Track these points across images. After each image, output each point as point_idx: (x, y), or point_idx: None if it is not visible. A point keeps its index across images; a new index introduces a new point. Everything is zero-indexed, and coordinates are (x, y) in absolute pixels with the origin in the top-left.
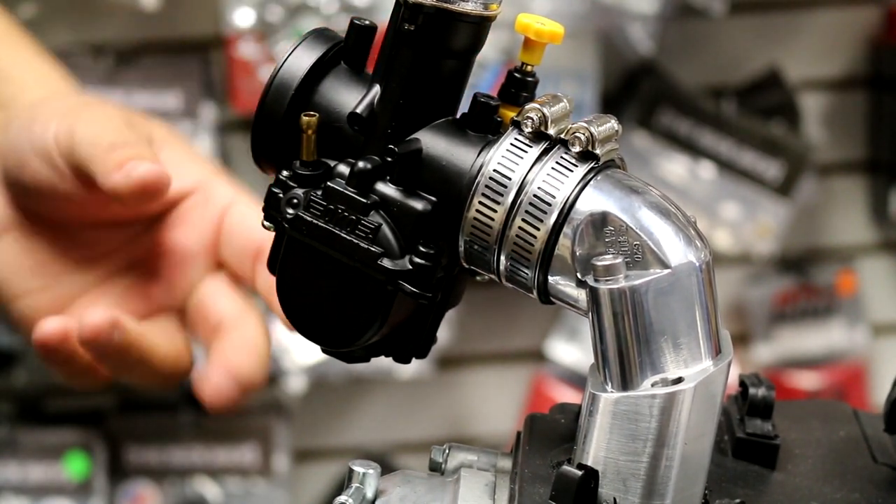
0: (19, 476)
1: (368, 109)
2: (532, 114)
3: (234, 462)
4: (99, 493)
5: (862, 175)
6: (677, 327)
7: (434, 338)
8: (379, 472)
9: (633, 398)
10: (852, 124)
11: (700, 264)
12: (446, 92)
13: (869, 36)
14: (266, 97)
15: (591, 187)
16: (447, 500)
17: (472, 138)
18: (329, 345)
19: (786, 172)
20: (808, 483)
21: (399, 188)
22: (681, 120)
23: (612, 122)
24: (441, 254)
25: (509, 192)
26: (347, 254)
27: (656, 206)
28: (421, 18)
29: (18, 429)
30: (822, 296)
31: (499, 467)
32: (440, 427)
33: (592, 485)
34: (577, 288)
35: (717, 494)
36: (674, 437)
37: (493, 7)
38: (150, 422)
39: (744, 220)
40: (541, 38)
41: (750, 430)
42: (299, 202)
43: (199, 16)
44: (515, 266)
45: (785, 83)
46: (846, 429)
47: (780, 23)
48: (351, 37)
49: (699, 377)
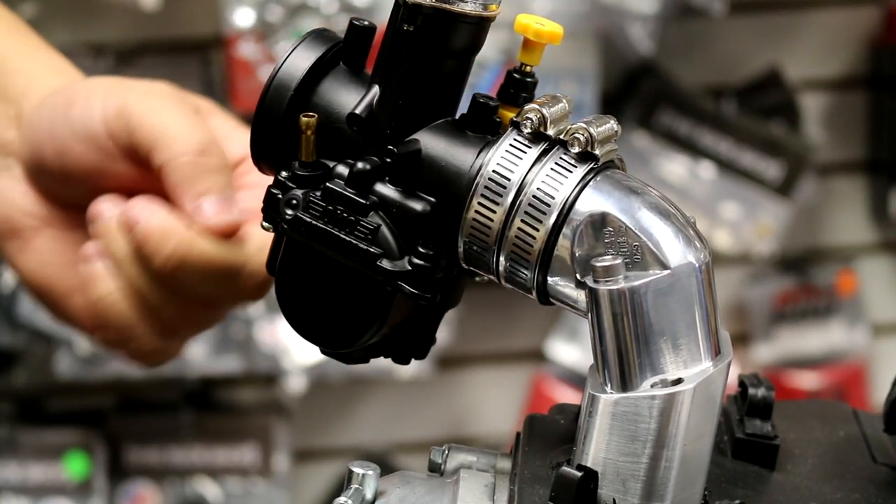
0: (19, 476)
1: (367, 110)
2: (531, 114)
3: (234, 462)
4: (99, 493)
5: (862, 175)
6: (677, 328)
7: (433, 338)
8: (378, 473)
9: (632, 399)
10: (852, 124)
11: (699, 265)
12: (445, 92)
13: (869, 36)
14: (265, 98)
15: (591, 188)
16: (446, 501)
17: (471, 139)
18: (328, 346)
19: (786, 172)
20: (808, 483)
21: (398, 189)
22: (681, 120)
23: (612, 123)
24: (440, 255)
25: (508, 192)
26: (346, 255)
27: (656, 206)
28: (420, 19)
29: (18, 429)
30: (822, 296)
31: (498, 468)
32: (440, 427)
33: (592, 486)
34: (577, 289)
35: (717, 495)
36: (673, 438)
37: (492, 7)
38: (150, 422)
39: (744, 220)
40: (540, 39)
41: (749, 430)
42: (298, 203)
43: (199, 16)
44: (515, 267)
45: (785, 83)
46: (846, 429)
47: (780, 23)
48: (350, 37)
49: (699, 378)
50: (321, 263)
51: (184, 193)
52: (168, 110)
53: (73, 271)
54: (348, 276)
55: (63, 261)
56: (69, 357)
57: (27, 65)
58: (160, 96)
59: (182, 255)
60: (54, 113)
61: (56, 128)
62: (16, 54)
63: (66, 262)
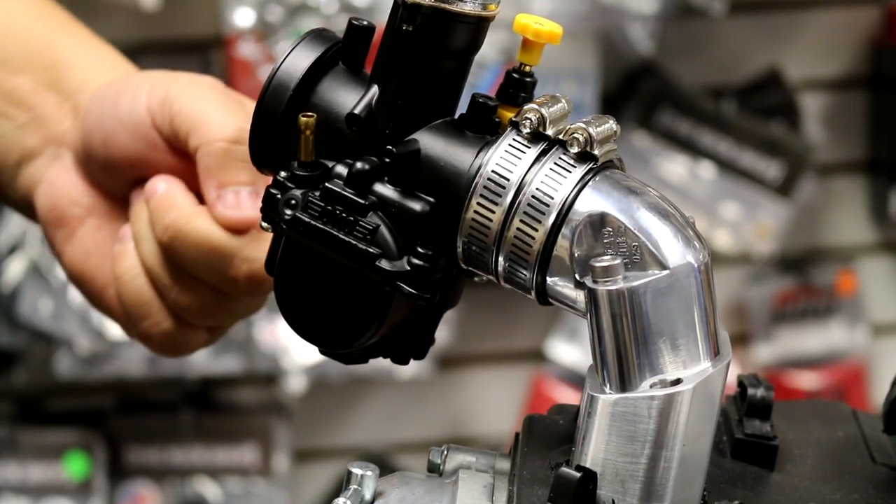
0: (19, 476)
1: (367, 110)
2: (530, 114)
3: (234, 462)
4: (99, 493)
5: (862, 175)
6: (676, 328)
7: (432, 339)
8: (377, 473)
9: (631, 399)
10: (852, 124)
11: (699, 265)
12: (444, 92)
13: (869, 36)
14: (264, 98)
15: (590, 188)
16: (445, 501)
17: (470, 139)
18: (327, 346)
19: (786, 172)
20: (807, 484)
21: (397, 189)
22: (681, 120)
23: (611, 123)
24: (439, 255)
25: (507, 192)
26: (345, 255)
27: (655, 206)
28: (419, 19)
29: (18, 429)
30: (822, 296)
31: (497, 469)
32: (440, 427)
33: (591, 486)
34: (576, 289)
35: (716, 495)
36: (672, 439)
37: (491, 7)
38: (150, 422)
39: (744, 220)
40: (539, 39)
41: (749, 430)
42: (297, 203)
43: (199, 16)
44: (514, 267)
45: (785, 83)
46: (845, 429)
47: (780, 23)
48: (349, 37)
49: (698, 378)
50: (320, 264)
51: (209, 179)
52: (209, 99)
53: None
54: (347, 277)
55: (104, 252)
56: (69, 357)
57: (83, 59)
58: (203, 86)
59: (179, 227)
60: (104, 103)
61: (105, 118)
62: (72, 49)
63: (107, 254)
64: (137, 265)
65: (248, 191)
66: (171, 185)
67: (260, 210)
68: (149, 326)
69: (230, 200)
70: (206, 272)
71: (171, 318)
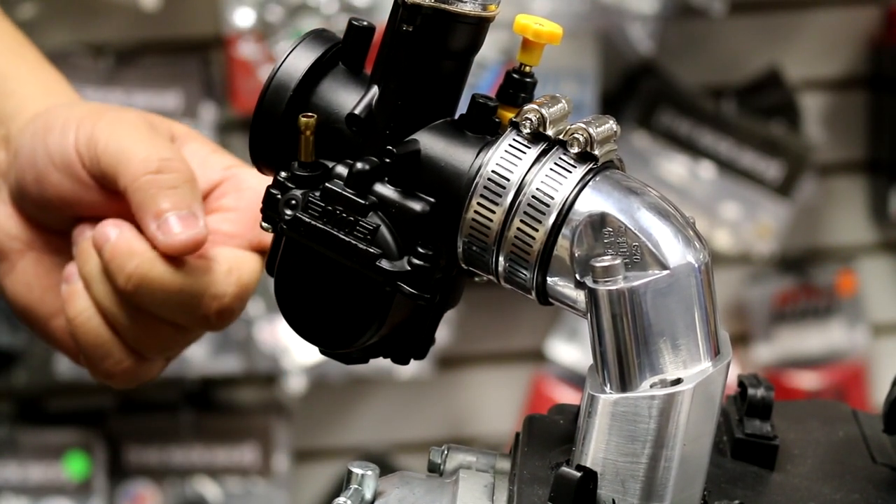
0: (19, 476)
1: (367, 110)
2: (530, 115)
3: (234, 462)
4: (99, 493)
5: (862, 175)
6: (676, 328)
7: (433, 339)
8: (377, 473)
9: (631, 399)
10: (852, 124)
11: (699, 265)
12: (445, 93)
13: (869, 36)
14: (264, 98)
15: (590, 188)
16: (445, 501)
17: (470, 139)
18: (327, 346)
19: (786, 172)
20: (807, 484)
21: (397, 189)
22: (681, 120)
23: (611, 123)
24: (439, 255)
25: (508, 192)
26: (346, 255)
27: (655, 207)
28: (419, 19)
29: (18, 429)
30: (822, 296)
31: (497, 468)
32: (440, 427)
33: (591, 486)
34: (576, 289)
35: (716, 495)
36: (673, 438)
37: (491, 8)
38: (150, 422)
39: (744, 220)
40: (539, 39)
41: (749, 430)
42: (297, 203)
43: (199, 16)
44: (514, 267)
45: (785, 83)
46: (845, 429)
47: (780, 23)
48: (349, 37)
49: (698, 378)
50: (320, 264)
51: (144, 214)
52: (131, 136)
53: (56, 294)
54: (347, 277)
55: (46, 284)
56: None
57: (21, 86)
58: (125, 122)
59: (142, 275)
60: (34, 140)
61: (36, 155)
62: (12, 74)
63: (49, 286)
64: (90, 306)
65: (184, 213)
66: (123, 231)
67: (260, 210)
68: (111, 366)
69: (169, 228)
70: (173, 313)
71: (131, 355)
